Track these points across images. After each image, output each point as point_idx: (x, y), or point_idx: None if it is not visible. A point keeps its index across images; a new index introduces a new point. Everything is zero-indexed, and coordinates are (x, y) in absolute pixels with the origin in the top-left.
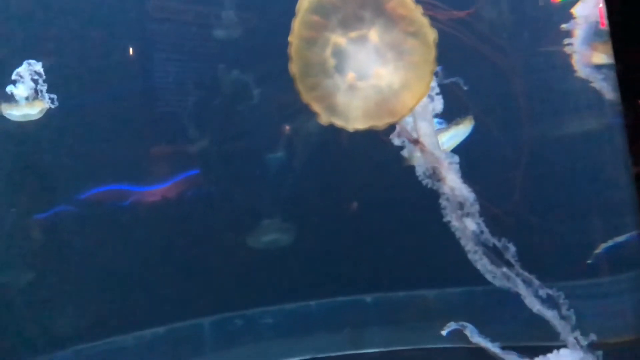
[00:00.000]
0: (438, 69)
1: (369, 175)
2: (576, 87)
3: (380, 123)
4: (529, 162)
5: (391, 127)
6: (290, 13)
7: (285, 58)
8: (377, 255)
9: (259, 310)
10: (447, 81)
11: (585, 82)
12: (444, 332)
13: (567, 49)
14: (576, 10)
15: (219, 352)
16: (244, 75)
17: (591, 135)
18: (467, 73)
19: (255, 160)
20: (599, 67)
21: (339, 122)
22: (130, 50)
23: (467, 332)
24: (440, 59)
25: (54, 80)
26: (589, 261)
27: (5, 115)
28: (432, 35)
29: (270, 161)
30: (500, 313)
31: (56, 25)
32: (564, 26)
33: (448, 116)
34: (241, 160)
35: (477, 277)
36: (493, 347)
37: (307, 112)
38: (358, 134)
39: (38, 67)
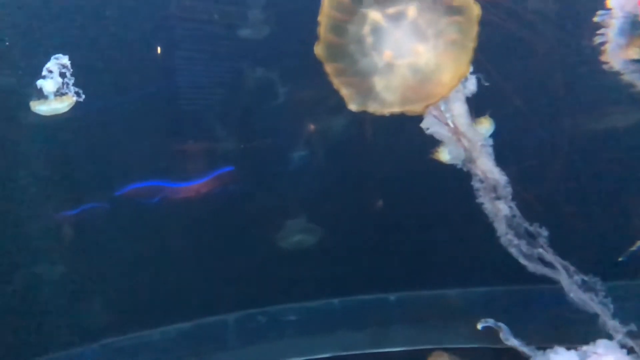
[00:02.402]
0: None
1: (393, 174)
2: (610, 81)
3: (418, 105)
4: (565, 151)
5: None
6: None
7: (310, 57)
8: (401, 254)
9: (282, 308)
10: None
11: (619, 76)
12: (479, 326)
13: (601, 42)
14: (611, 1)
15: (242, 348)
16: (270, 73)
17: (628, 130)
18: (499, 56)
19: (280, 159)
20: (634, 61)
21: (373, 107)
22: (158, 49)
23: (501, 333)
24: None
25: (82, 76)
26: (621, 259)
27: (35, 111)
28: (476, 10)
29: (295, 160)
30: (525, 313)
31: (81, 22)
32: (597, 18)
33: (482, 99)
34: (266, 159)
35: (501, 277)
36: (529, 350)
37: (332, 111)
38: (382, 131)
39: (65, 60)
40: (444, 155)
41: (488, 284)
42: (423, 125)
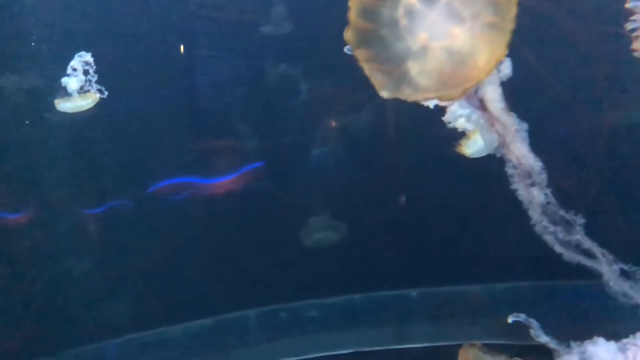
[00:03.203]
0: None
1: (415, 169)
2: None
3: (453, 90)
4: (601, 137)
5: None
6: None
7: (334, 53)
8: (423, 249)
9: (303, 304)
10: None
11: None
12: (509, 320)
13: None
14: None
15: (264, 344)
16: (292, 70)
17: None
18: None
19: (303, 156)
20: None
21: (406, 92)
22: (182, 47)
23: (532, 329)
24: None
25: (105, 74)
26: None
27: (59, 109)
28: None
29: (317, 157)
30: (551, 309)
31: (104, 20)
32: (629, 5)
33: (517, 83)
34: (289, 156)
35: (525, 272)
36: (560, 347)
37: (355, 107)
38: (405, 127)
39: (88, 57)
40: (467, 148)
41: (512, 279)
42: (445, 119)
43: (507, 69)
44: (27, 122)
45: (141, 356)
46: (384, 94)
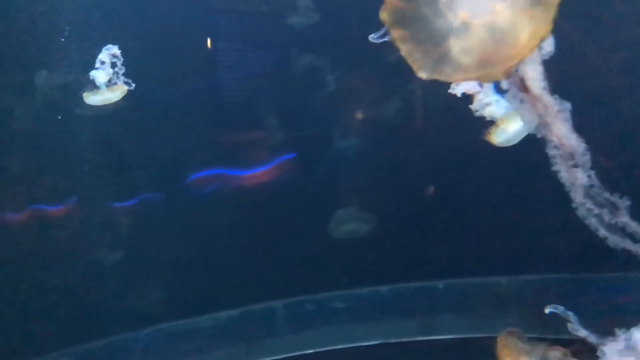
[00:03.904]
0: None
1: (444, 160)
2: None
3: (496, 69)
4: None
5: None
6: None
7: (361, 43)
8: (452, 241)
9: (330, 295)
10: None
11: None
12: (546, 311)
13: None
14: None
15: (290, 335)
16: (319, 61)
17: None
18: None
19: (331, 148)
20: None
21: (446, 72)
22: (209, 41)
23: (570, 322)
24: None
25: (134, 66)
26: None
27: (87, 102)
28: None
29: (344, 148)
30: (580, 302)
31: (131, 13)
32: None
33: (560, 62)
34: (317, 148)
35: (554, 264)
36: (597, 340)
37: (383, 97)
38: (433, 117)
39: (115, 50)
40: (496, 137)
41: (540, 272)
42: (473, 107)
43: (549, 46)
44: (59, 117)
45: (170, 345)
46: (423, 74)
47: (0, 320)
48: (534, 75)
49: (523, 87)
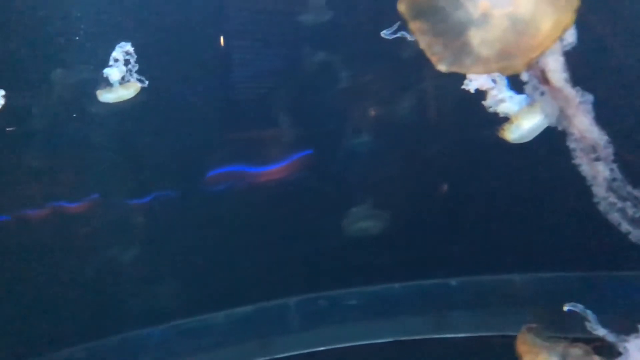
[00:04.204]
0: None
1: (457, 157)
2: None
3: (517, 60)
4: None
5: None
6: None
7: (373, 41)
8: (465, 238)
9: (343, 292)
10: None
11: None
12: (565, 308)
13: None
14: None
15: (303, 332)
16: (332, 58)
17: None
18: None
19: (344, 146)
20: None
21: (466, 65)
22: (221, 38)
23: (589, 321)
24: None
25: (147, 64)
26: None
27: (101, 100)
28: None
29: (358, 146)
30: (597, 301)
31: (141, 11)
32: None
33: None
34: (329, 146)
35: (569, 262)
36: (616, 340)
37: (396, 94)
38: (446, 113)
39: (128, 47)
40: (510, 134)
41: (555, 269)
42: (486, 103)
43: (571, 37)
44: (74, 115)
45: (184, 341)
46: (442, 67)
47: (17, 316)
48: (555, 66)
49: (544, 79)
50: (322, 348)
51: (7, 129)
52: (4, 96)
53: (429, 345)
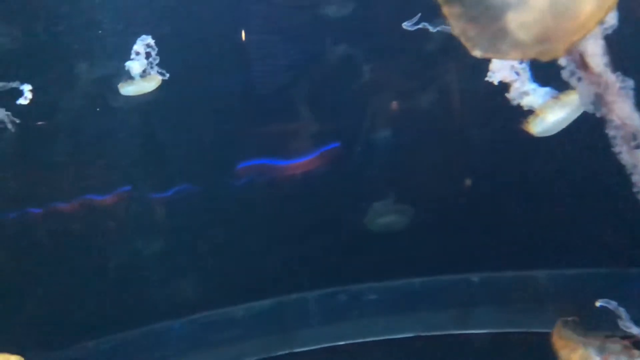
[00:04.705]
0: None
1: (481, 151)
2: None
3: (557, 45)
4: None
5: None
6: None
7: (395, 33)
8: (488, 233)
9: (363, 287)
10: None
11: None
12: (597, 304)
13: None
14: None
15: (323, 326)
16: (354, 51)
17: None
18: None
19: (366, 140)
20: None
21: (502, 50)
22: (243, 33)
23: (622, 318)
24: None
25: (166, 56)
26: None
27: (122, 93)
28: None
29: (381, 140)
30: (622, 299)
31: (162, 4)
32: None
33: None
34: (352, 140)
35: (593, 259)
36: None
37: (419, 88)
38: (470, 107)
39: (149, 40)
40: (535, 127)
41: (579, 266)
42: (510, 96)
43: (612, 19)
44: (97, 109)
45: (205, 334)
46: (477, 53)
47: (43, 307)
48: (595, 50)
49: (582, 63)
50: (342, 342)
51: (38, 123)
52: (30, 91)
53: (451, 342)
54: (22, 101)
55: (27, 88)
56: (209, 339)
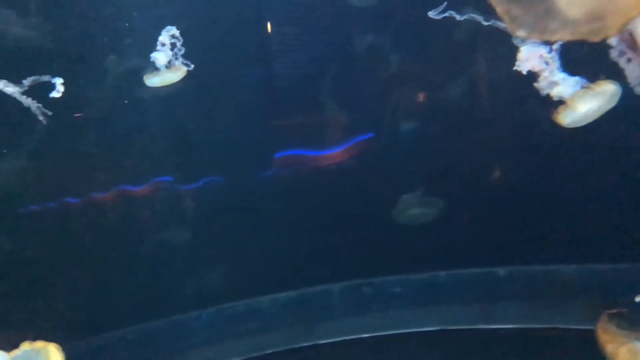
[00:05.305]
0: None
1: (510, 143)
2: None
3: (610, 23)
4: None
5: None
6: None
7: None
8: (516, 226)
9: (387, 279)
10: None
11: None
12: (637, 299)
13: None
14: None
15: (347, 318)
16: (381, 42)
17: None
18: None
19: (394, 131)
20: None
21: (551, 28)
22: (269, 25)
23: None
24: None
25: (190, 47)
26: None
27: (148, 84)
28: None
29: (409, 132)
30: None
31: None
32: None
33: None
34: (381, 132)
35: (623, 253)
36: None
37: (447, 79)
38: (499, 98)
39: (174, 31)
40: (565, 118)
41: (609, 261)
42: (539, 86)
43: None
44: (125, 101)
45: (230, 325)
46: (522, 33)
47: (73, 296)
48: None
49: (633, 43)
50: (366, 335)
51: (75, 115)
52: (62, 84)
53: (476, 336)
54: (55, 94)
55: (59, 81)
56: (234, 330)
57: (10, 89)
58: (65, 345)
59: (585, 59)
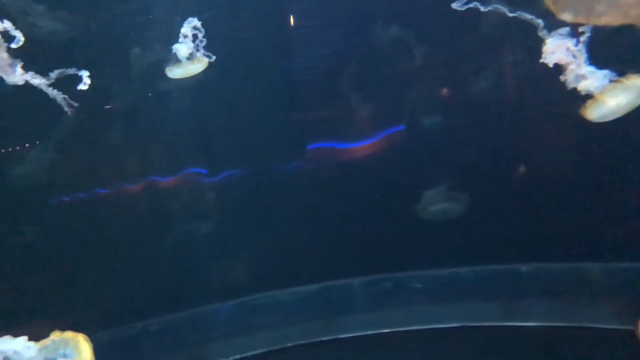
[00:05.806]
0: None
1: (536, 140)
2: None
3: None
4: None
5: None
6: None
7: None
8: (540, 223)
9: (408, 275)
10: None
11: None
12: None
13: None
14: None
15: (367, 313)
16: (405, 34)
17: None
18: None
19: (419, 125)
20: None
21: (598, 11)
22: (291, 17)
23: None
24: None
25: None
26: None
27: (170, 76)
28: None
29: (433, 126)
30: None
31: None
32: None
33: None
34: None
35: None
36: None
37: (473, 72)
38: (525, 92)
39: (196, 22)
40: (592, 112)
41: (634, 259)
42: (565, 80)
43: None
44: (149, 94)
45: (251, 317)
46: (567, 16)
47: (97, 287)
48: None
49: None
50: (386, 330)
51: (105, 107)
52: (88, 76)
53: (498, 333)
54: (82, 87)
55: (85, 74)
56: (255, 322)
57: (37, 81)
58: (93, 335)
59: (613, 52)
